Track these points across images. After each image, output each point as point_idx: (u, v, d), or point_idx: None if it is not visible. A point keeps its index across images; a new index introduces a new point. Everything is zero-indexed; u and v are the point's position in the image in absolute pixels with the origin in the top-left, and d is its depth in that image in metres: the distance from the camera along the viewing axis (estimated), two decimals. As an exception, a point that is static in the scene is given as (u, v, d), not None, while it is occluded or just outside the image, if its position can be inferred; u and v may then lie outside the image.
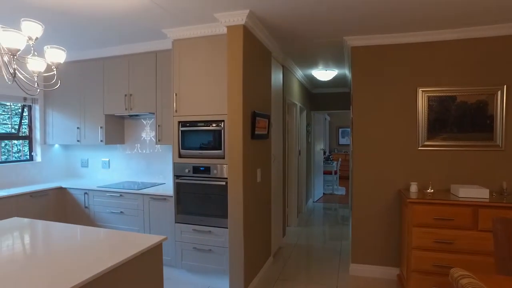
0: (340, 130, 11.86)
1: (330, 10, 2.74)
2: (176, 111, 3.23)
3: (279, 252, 4.23)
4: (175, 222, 3.27)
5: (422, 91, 3.30)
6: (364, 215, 3.53)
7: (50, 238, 1.97)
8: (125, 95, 3.82)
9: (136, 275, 1.72)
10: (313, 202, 7.50)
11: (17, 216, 3.37)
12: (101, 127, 3.99)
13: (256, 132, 3.13)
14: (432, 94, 3.28)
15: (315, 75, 5.42)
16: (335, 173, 8.90)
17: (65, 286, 1.28)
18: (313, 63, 4.84)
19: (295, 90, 5.44)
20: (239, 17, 2.84)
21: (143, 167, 4.23)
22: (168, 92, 3.57)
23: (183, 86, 3.22)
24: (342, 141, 11.86)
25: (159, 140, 3.67)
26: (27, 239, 1.99)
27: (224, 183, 3.05)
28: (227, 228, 3.03)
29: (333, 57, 4.43)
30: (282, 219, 4.52)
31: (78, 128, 4.14)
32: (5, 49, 1.72)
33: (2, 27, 1.75)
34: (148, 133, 4.19)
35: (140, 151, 4.24)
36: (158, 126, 3.65)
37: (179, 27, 3.17)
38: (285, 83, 4.64)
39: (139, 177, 4.25)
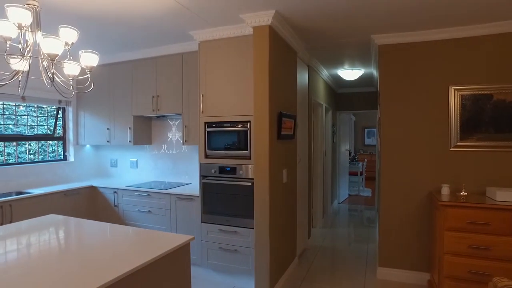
0: (366, 130, 11.62)
1: (358, 8, 2.69)
2: (202, 112, 3.27)
3: (304, 253, 4.19)
4: (201, 222, 3.31)
5: (455, 89, 3.17)
6: (392, 218, 3.44)
7: (82, 235, 2.04)
8: (153, 97, 3.90)
9: (164, 273, 1.74)
10: (338, 203, 7.39)
11: (52, 213, 3.52)
12: (129, 128, 4.10)
13: (282, 133, 3.12)
14: (465, 93, 3.14)
15: (340, 75, 5.33)
16: (361, 174, 8.73)
17: (96, 283, 1.32)
18: (338, 63, 4.77)
19: (321, 90, 5.38)
20: (265, 18, 2.84)
21: (169, 167, 4.32)
22: (194, 93, 3.62)
23: (209, 87, 3.25)
24: (368, 141, 11.61)
25: (185, 141, 3.73)
26: (61, 234, 2.08)
27: (250, 183, 3.05)
28: (253, 228, 3.03)
29: (359, 56, 4.35)
30: (307, 220, 4.48)
31: (108, 129, 4.28)
32: (45, 54, 1.80)
33: (42, 34, 1.83)
34: (174, 134, 4.27)
35: (166, 152, 4.33)
36: (185, 126, 3.71)
37: (205, 29, 3.21)
38: (311, 83, 4.59)
39: (165, 177, 4.33)
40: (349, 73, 5.11)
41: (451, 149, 3.20)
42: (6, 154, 3.92)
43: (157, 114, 3.91)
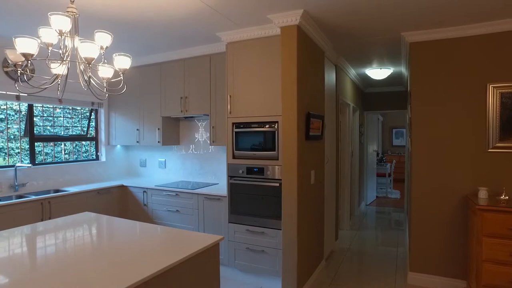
0: (394, 130, 11.31)
1: (389, 4, 2.62)
2: (230, 112, 3.29)
3: (331, 255, 4.13)
4: (229, 222, 3.33)
5: (494, 87, 3.02)
6: (424, 221, 3.32)
7: (114, 233, 2.11)
8: (181, 98, 3.97)
9: (194, 273, 1.76)
10: (366, 205, 7.23)
11: (86, 210, 3.66)
12: (158, 129, 4.19)
13: (310, 133, 3.09)
14: (506, 91, 2.98)
15: (369, 74, 5.21)
16: (389, 175, 8.50)
17: (127, 282, 1.34)
18: (367, 62, 4.66)
19: (348, 90, 5.28)
20: (293, 17, 2.82)
21: (196, 167, 4.38)
22: (222, 94, 3.65)
23: (237, 88, 3.27)
24: (396, 142, 11.30)
25: (213, 141, 3.77)
26: (95, 232, 2.16)
27: (277, 184, 3.04)
28: (280, 229, 3.02)
29: (388, 55, 4.23)
30: (334, 222, 4.41)
31: (137, 129, 4.39)
32: (82, 58, 1.87)
33: (80, 39, 1.90)
34: (202, 134, 4.32)
35: (194, 152, 4.39)
36: (212, 127, 3.75)
37: (232, 30, 3.23)
38: (338, 83, 4.52)
39: (193, 177, 4.40)
40: (378, 72, 4.99)
41: (489, 150, 3.05)
42: (44, 153, 4.11)
43: (185, 115, 3.98)
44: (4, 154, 3.72)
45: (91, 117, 4.67)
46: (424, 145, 3.31)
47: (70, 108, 4.38)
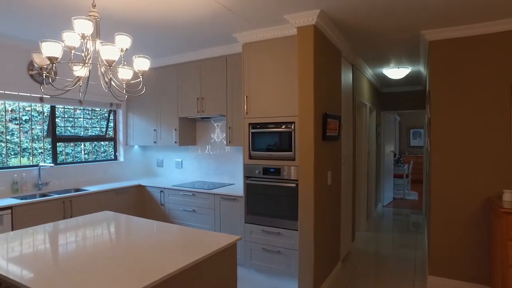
0: (411, 131, 11.10)
1: (408, 2, 2.57)
2: (246, 113, 3.30)
3: (348, 257, 4.08)
4: (245, 222, 3.34)
5: (517, 87, 2.92)
6: (444, 224, 3.24)
7: (132, 231, 2.15)
8: (197, 99, 4.01)
9: (211, 273, 1.77)
10: (383, 206, 7.12)
11: (105, 209, 3.73)
12: (175, 129, 4.25)
13: (327, 134, 3.06)
14: (530, 90, 2.89)
15: (386, 74, 5.14)
16: (406, 176, 8.34)
17: (145, 281, 1.36)
18: (384, 61, 4.60)
19: (365, 89, 5.22)
20: (309, 17, 2.81)
21: (213, 167, 4.41)
22: (238, 94, 3.67)
23: (253, 88, 3.27)
24: (414, 142, 11.08)
25: (229, 142, 3.79)
26: (114, 230, 2.21)
27: (294, 185, 3.03)
28: (297, 230, 3.01)
29: (406, 54, 4.16)
30: (351, 223, 4.36)
31: (154, 130, 4.46)
32: (104, 61, 1.92)
33: (101, 42, 1.95)
34: (218, 135, 4.35)
35: (210, 152, 4.43)
36: (229, 128, 3.77)
37: (248, 31, 3.24)
38: (355, 83, 4.47)
39: (209, 177, 4.43)
40: (395, 72, 4.91)
41: (513, 151, 2.96)
42: (65, 153, 4.23)
43: (202, 115, 4.01)
44: (28, 154, 3.84)
45: (110, 118, 4.77)
46: (444, 146, 3.24)
47: (90, 109, 4.49)
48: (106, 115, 4.74)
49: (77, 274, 1.44)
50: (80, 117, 4.42)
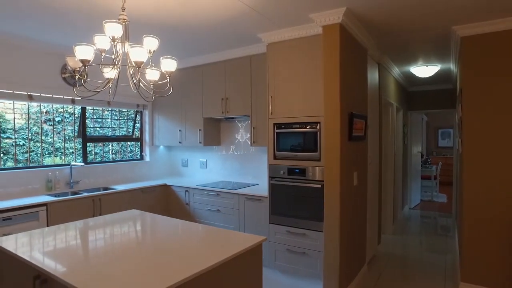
0: (440, 131, 10.72)
1: (440, -2, 2.49)
2: (271, 113, 3.30)
3: (374, 260, 3.99)
4: (269, 223, 3.33)
5: (559, 84, 2.76)
6: (478, 229, 3.10)
7: (160, 230, 2.18)
8: (222, 99, 4.04)
9: (237, 274, 1.76)
10: (410, 209, 6.92)
11: (132, 207, 3.82)
12: (200, 130, 4.30)
13: (353, 134, 3.01)
14: None
15: (413, 72, 4.99)
16: (435, 178, 8.06)
17: (170, 281, 1.37)
18: (412, 59, 4.46)
19: (391, 89, 5.09)
20: (335, 16, 2.77)
21: (237, 167, 4.43)
22: (262, 95, 3.66)
23: (278, 88, 3.26)
24: (442, 143, 10.70)
25: (254, 142, 3.79)
26: (142, 228, 2.26)
27: (319, 185, 2.99)
28: (322, 231, 2.97)
29: (435, 51, 4.02)
30: (377, 226, 4.26)
31: (180, 130, 4.53)
32: (132, 62, 1.96)
33: (130, 44, 1.99)
34: (242, 135, 4.37)
35: (234, 152, 4.45)
36: (253, 128, 3.78)
37: (273, 31, 3.23)
38: (381, 82, 4.37)
39: (233, 177, 4.45)
40: (423, 70, 4.76)
41: (553, 152, 2.79)
42: (94, 153, 4.37)
43: (226, 116, 4.04)
44: (60, 153, 4.00)
45: (136, 119, 4.89)
46: (478, 146, 3.10)
47: (117, 110, 4.62)
48: (133, 116, 4.86)
49: (106, 270, 1.49)
50: (108, 118, 4.56)
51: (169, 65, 2.25)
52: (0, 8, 2.65)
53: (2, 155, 3.52)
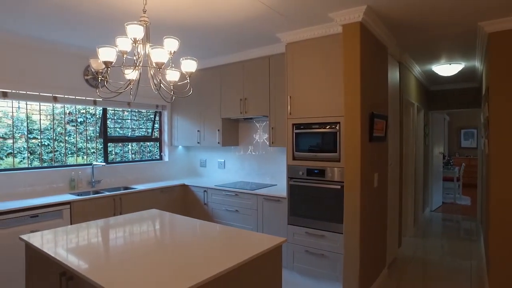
0: (462, 131, 10.40)
1: (466, -6, 2.41)
2: (290, 113, 3.27)
3: (394, 263, 3.90)
4: (288, 224, 3.31)
5: None
6: (506, 233, 2.97)
7: (179, 229, 2.19)
8: (240, 99, 4.05)
9: (256, 274, 1.75)
10: (431, 211, 6.74)
11: (151, 206, 3.87)
12: (218, 130, 4.32)
13: (374, 134, 2.95)
14: None
15: (435, 71, 4.86)
16: (457, 179, 7.83)
17: (190, 282, 1.36)
18: (434, 57, 4.35)
19: (412, 88, 4.97)
20: (355, 14, 2.72)
21: (255, 168, 4.42)
22: (281, 95, 3.64)
23: (296, 88, 3.24)
24: (465, 143, 10.38)
25: (272, 143, 3.78)
26: (162, 228, 2.28)
27: (339, 187, 2.95)
28: (342, 233, 2.93)
29: (459, 48, 3.90)
30: (397, 228, 4.17)
31: (198, 131, 4.57)
32: (153, 63, 1.98)
33: (151, 46, 2.02)
34: (260, 136, 4.36)
35: (252, 153, 4.45)
36: (272, 128, 3.76)
37: (292, 31, 3.21)
38: (402, 81, 4.27)
39: (251, 178, 4.45)
40: (446, 68, 4.62)
41: None
42: (114, 153, 4.46)
43: (245, 116, 4.04)
44: (82, 153, 4.10)
45: (155, 119, 4.95)
46: (506, 148, 2.98)
47: (136, 111, 4.70)
48: (152, 116, 4.93)
49: (126, 267, 1.52)
50: (128, 119, 4.64)
51: (190, 65, 2.26)
52: (28, 14, 2.74)
53: (29, 154, 3.64)
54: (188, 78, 2.31)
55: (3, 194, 3.29)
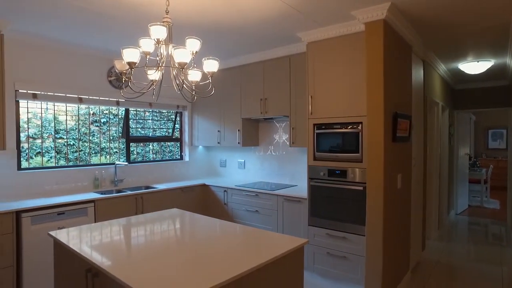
0: (490, 131, 10.01)
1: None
2: (311, 113, 3.24)
3: (418, 267, 3.79)
4: (309, 225, 3.27)
5: None
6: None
7: (201, 229, 2.19)
8: (261, 99, 4.04)
9: (278, 276, 1.73)
10: (456, 214, 6.52)
11: (171, 206, 3.92)
12: (238, 130, 4.32)
13: (397, 135, 2.88)
14: None
15: (462, 69, 4.69)
16: (485, 182, 7.53)
17: (215, 281, 1.36)
18: (460, 55, 4.20)
19: (437, 87, 4.83)
20: (378, 12, 2.66)
21: (275, 168, 4.40)
22: (302, 95, 3.61)
23: (318, 88, 3.20)
24: (493, 144, 9.98)
25: (293, 143, 3.75)
26: (185, 227, 2.30)
27: (361, 188, 2.89)
28: (364, 235, 2.87)
29: (489, 45, 3.75)
30: (421, 231, 4.05)
31: (218, 131, 4.59)
32: (176, 64, 2.00)
33: (173, 46, 2.04)
34: (281, 136, 4.34)
35: (273, 153, 4.43)
36: (292, 128, 3.73)
37: (313, 30, 3.18)
38: (426, 80, 4.15)
39: (271, 178, 4.43)
40: (474, 66, 4.46)
41: None
42: (136, 153, 4.54)
43: (265, 116, 4.03)
44: (105, 153, 4.20)
45: (176, 119, 5.01)
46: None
47: (157, 111, 4.77)
48: (172, 116, 4.99)
49: (150, 266, 1.53)
50: (149, 119, 4.72)
51: (212, 65, 2.27)
52: (55, 19, 2.83)
53: (55, 154, 3.76)
54: (210, 78, 2.33)
55: (33, 191, 3.42)
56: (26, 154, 3.54)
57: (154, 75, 2.18)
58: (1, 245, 2.73)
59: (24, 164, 3.51)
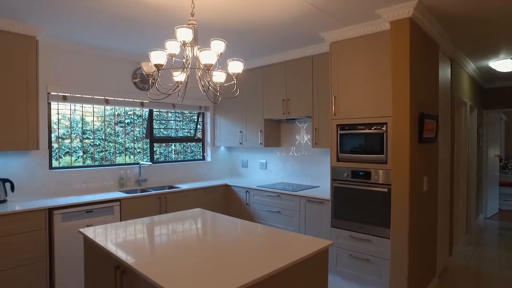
0: (522, 132, 9.55)
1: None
2: (334, 114, 3.21)
3: (445, 273, 3.67)
4: (331, 227, 3.24)
5: None
6: None
7: (223, 229, 2.21)
8: (283, 100, 4.03)
9: (302, 278, 1.72)
10: (485, 218, 6.28)
11: (194, 205, 3.96)
12: (260, 131, 4.33)
13: (424, 136, 2.80)
14: None
15: (492, 67, 4.52)
16: (516, 185, 7.21)
17: (239, 282, 1.36)
18: (491, 52, 4.04)
19: (465, 86, 4.67)
20: (405, 10, 2.61)
21: (297, 169, 4.38)
22: (324, 95, 3.58)
23: (341, 88, 3.16)
24: (525, 146, 9.51)
25: (315, 144, 3.72)
26: (204, 226, 2.32)
27: (386, 190, 2.84)
28: (388, 238, 2.81)
29: (522, 42, 3.59)
30: (448, 235, 3.92)
31: (240, 132, 4.61)
32: (202, 65, 2.03)
33: (199, 48, 2.07)
34: (303, 137, 4.31)
35: (295, 154, 4.41)
36: (315, 129, 3.71)
37: (336, 29, 3.14)
38: (453, 79, 4.02)
39: (293, 179, 4.41)
40: (506, 64, 4.29)
41: None
42: (159, 153, 4.63)
43: (287, 117, 4.02)
44: (130, 153, 4.31)
45: (199, 120, 5.08)
46: None
47: (179, 112, 4.85)
48: (194, 117, 5.06)
49: (176, 265, 1.57)
50: (172, 120, 4.80)
51: (236, 67, 2.28)
52: (88, 24, 2.93)
53: (83, 153, 3.89)
54: (235, 79, 2.34)
55: (63, 190, 3.56)
56: (56, 154, 3.68)
57: (179, 76, 2.22)
58: (35, 241, 2.85)
59: (55, 163, 3.65)
